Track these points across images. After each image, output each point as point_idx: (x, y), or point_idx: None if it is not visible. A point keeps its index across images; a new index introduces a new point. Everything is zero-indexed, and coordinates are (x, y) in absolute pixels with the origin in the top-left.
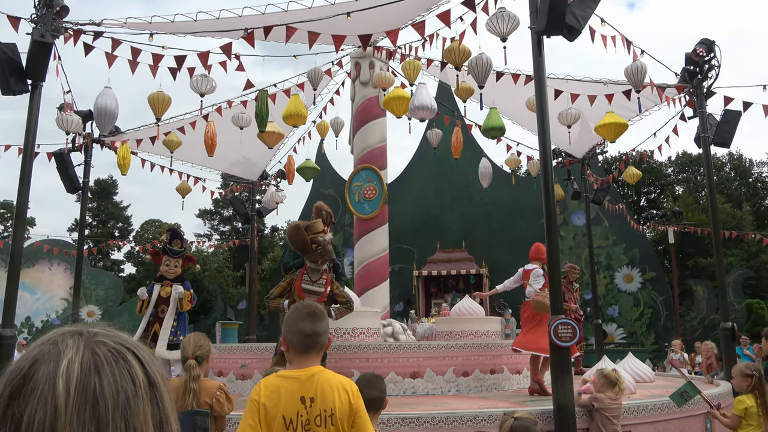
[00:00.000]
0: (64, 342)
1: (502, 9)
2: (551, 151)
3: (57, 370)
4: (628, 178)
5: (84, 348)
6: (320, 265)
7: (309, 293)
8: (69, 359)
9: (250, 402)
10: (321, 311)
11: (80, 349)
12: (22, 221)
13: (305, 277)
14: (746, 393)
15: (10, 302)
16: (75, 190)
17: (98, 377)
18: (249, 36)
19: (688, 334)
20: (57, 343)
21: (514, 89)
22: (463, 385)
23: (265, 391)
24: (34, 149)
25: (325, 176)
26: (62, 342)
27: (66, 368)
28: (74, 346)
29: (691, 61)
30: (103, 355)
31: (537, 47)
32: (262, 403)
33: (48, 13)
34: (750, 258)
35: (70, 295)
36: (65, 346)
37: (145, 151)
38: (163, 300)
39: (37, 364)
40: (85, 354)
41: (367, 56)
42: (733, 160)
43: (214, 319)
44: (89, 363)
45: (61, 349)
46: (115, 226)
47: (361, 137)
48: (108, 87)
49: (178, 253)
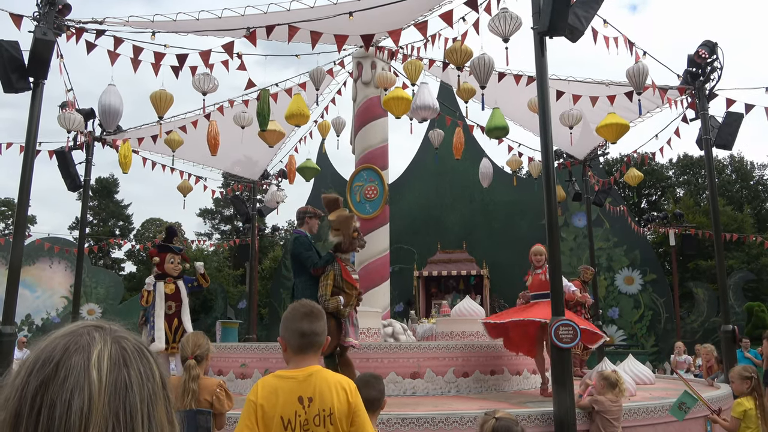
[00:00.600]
0: (90, 335)
1: (504, 9)
2: (553, 152)
3: (89, 360)
4: (629, 180)
5: (111, 342)
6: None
7: (357, 281)
8: (99, 350)
9: (247, 403)
10: (319, 311)
11: (108, 342)
12: (23, 219)
13: (348, 268)
14: (745, 395)
15: (10, 300)
16: (76, 188)
17: (127, 370)
18: (251, 35)
19: (689, 337)
20: (83, 336)
21: (516, 90)
22: (463, 386)
23: (263, 392)
24: (35, 147)
25: (326, 176)
26: (89, 335)
27: (97, 358)
28: (101, 339)
29: (693, 63)
30: (130, 350)
31: (539, 48)
32: (260, 404)
33: (50, 11)
34: (751, 261)
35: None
36: (92, 339)
37: (146, 150)
38: (170, 297)
39: (68, 354)
40: (113, 347)
41: (369, 56)
42: (734, 162)
43: (214, 318)
44: (118, 356)
45: (89, 341)
46: (116, 224)
47: (363, 137)
48: (112, 84)
49: (180, 250)
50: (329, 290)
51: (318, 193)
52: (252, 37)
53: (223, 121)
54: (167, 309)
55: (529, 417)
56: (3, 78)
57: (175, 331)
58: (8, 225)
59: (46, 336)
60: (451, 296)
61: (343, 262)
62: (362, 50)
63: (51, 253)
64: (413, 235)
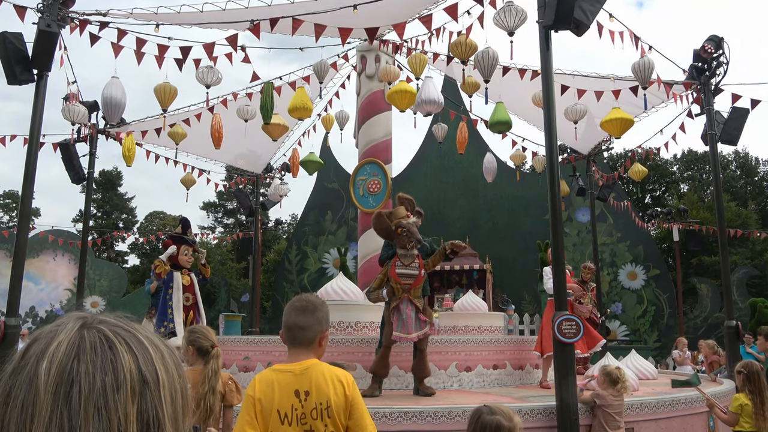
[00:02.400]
0: (64, 324)
1: (509, 3)
2: (557, 147)
3: (46, 351)
4: (633, 175)
5: (76, 332)
6: (410, 250)
7: (404, 277)
8: (59, 341)
9: (245, 398)
10: (314, 306)
11: (71, 333)
12: (27, 211)
13: (398, 263)
14: (742, 390)
15: (14, 292)
16: (80, 180)
17: (77, 362)
18: (255, 28)
19: (692, 332)
20: (59, 325)
21: (520, 84)
22: (466, 380)
23: (260, 386)
24: (39, 139)
25: (329, 170)
26: (63, 325)
27: (53, 350)
28: (69, 330)
29: (699, 58)
30: (90, 341)
31: (544, 42)
32: (258, 398)
33: (54, 3)
34: (755, 256)
35: (75, 285)
36: (63, 329)
37: (150, 143)
38: (186, 288)
39: (34, 343)
40: (73, 337)
41: (373, 50)
42: (739, 158)
43: (218, 311)
44: (73, 347)
45: (59, 331)
46: (120, 217)
47: (366, 131)
48: (115, 77)
49: (194, 242)
50: (377, 283)
51: (321, 187)
52: (256, 29)
53: (227, 114)
54: (185, 300)
55: (532, 411)
56: (7, 70)
57: (191, 324)
58: (12, 217)
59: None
60: (454, 291)
61: (400, 259)
62: (366, 44)
63: (55, 246)
64: None
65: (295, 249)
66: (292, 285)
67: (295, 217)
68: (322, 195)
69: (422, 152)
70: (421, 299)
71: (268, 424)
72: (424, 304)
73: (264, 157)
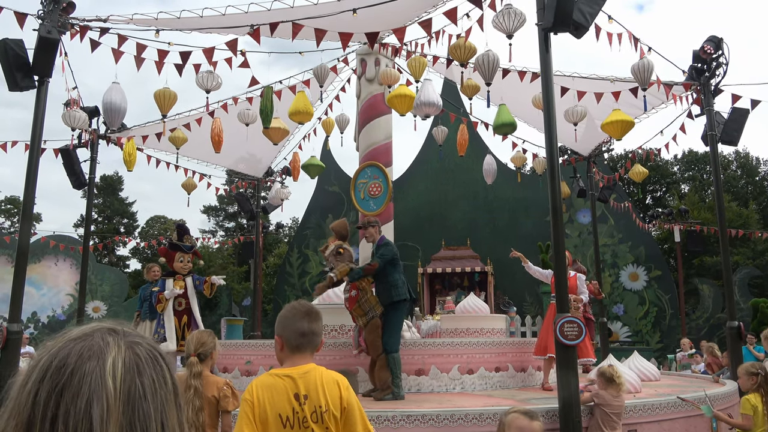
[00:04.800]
0: (104, 340)
1: (508, 6)
2: (558, 149)
3: (105, 367)
4: (634, 176)
5: (125, 347)
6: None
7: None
8: (114, 357)
9: (243, 403)
10: (316, 311)
11: (122, 348)
12: (28, 217)
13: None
14: (752, 392)
15: (16, 297)
16: (81, 186)
17: (140, 377)
18: (255, 33)
19: (694, 333)
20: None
21: (520, 86)
22: (468, 383)
23: (257, 391)
24: (40, 145)
25: (330, 173)
26: (102, 340)
27: (112, 365)
28: (115, 345)
29: (698, 59)
30: (143, 356)
31: (544, 44)
32: (255, 403)
33: (54, 10)
34: (756, 257)
35: (76, 290)
36: (106, 344)
37: (150, 148)
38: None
39: (82, 360)
40: (127, 353)
41: (372, 53)
42: (739, 158)
43: (219, 316)
44: (132, 362)
45: (103, 346)
46: (121, 222)
47: (367, 134)
48: (116, 82)
49: (190, 248)
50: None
51: (322, 190)
52: (256, 34)
53: (227, 118)
54: (176, 305)
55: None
56: (8, 76)
57: (184, 328)
58: (14, 223)
59: (57, 338)
60: (455, 293)
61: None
62: (366, 47)
63: (56, 251)
64: (417, 232)
65: (297, 252)
66: (293, 288)
67: (296, 221)
68: (323, 198)
69: (423, 155)
70: (363, 317)
71: (268, 429)
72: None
73: (264, 161)
